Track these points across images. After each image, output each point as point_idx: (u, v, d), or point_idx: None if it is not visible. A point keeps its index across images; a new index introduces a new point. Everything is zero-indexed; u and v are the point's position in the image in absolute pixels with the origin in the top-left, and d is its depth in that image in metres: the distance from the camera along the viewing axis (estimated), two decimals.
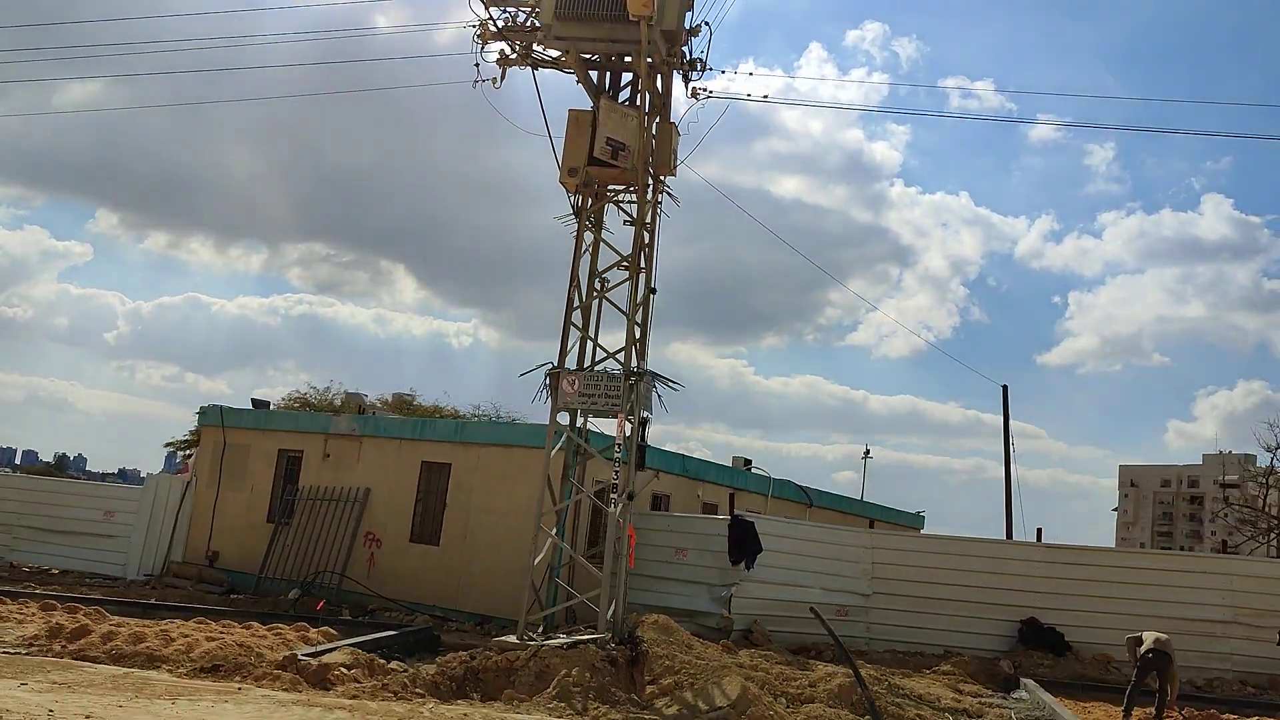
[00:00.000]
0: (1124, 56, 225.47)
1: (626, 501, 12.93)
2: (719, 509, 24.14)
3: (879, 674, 15.67)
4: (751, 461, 26.36)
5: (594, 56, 13.54)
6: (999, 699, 16.22)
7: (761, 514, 21.93)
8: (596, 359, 13.83)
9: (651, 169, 13.27)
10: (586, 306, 13.68)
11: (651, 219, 13.26)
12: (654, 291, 13.59)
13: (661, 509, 22.81)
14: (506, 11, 13.83)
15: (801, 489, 27.06)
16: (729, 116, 12.92)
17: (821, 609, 20.29)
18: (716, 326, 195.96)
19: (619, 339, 13.98)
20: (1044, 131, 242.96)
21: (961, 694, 16.18)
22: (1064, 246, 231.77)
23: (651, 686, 12.59)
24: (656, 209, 13.38)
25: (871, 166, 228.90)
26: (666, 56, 13.10)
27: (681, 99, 14.10)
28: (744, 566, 19.02)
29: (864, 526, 26.37)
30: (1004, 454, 31.71)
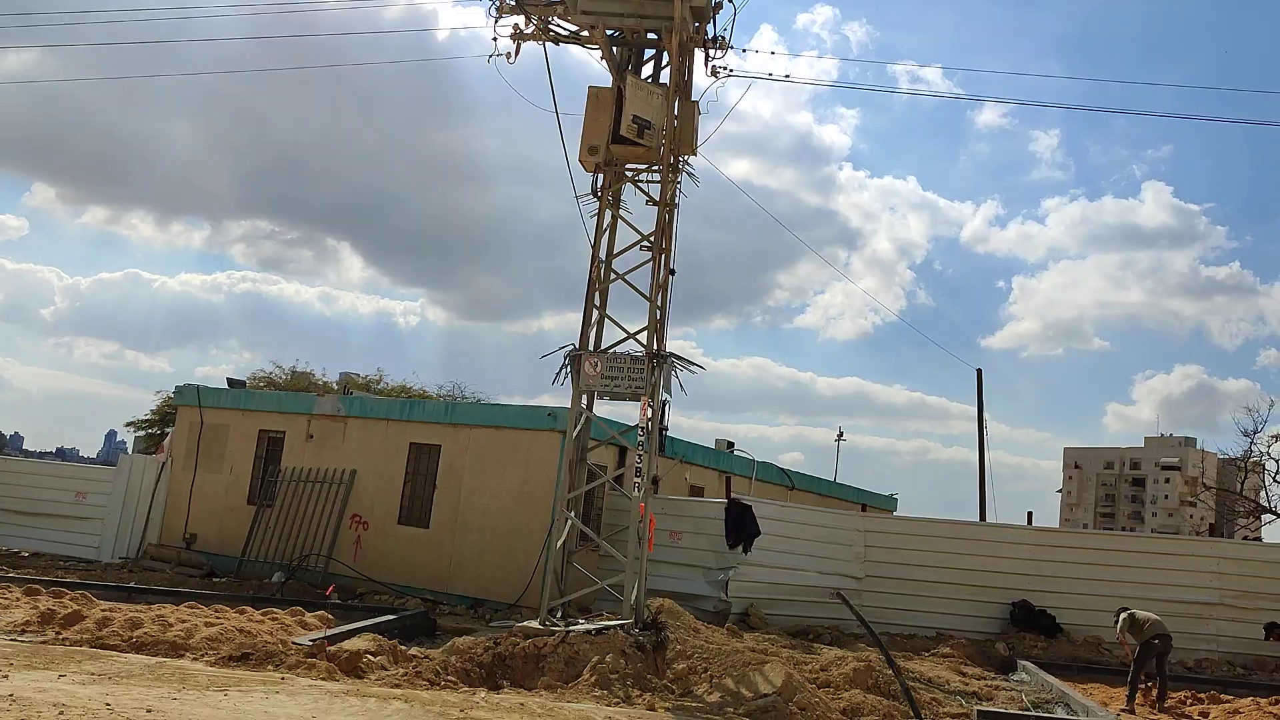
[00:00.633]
0: (1071, 44, 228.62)
1: (650, 486, 12.75)
2: (705, 491, 24.11)
3: (876, 657, 15.70)
4: (734, 444, 26.31)
5: (618, 32, 13.28)
6: (1002, 681, 16.35)
7: (745, 496, 21.88)
8: (607, 342, 13.62)
9: (674, 149, 13.06)
10: (604, 288, 13.45)
11: (672, 199, 13.06)
12: (673, 273, 13.41)
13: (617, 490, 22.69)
14: None
15: (783, 471, 27.10)
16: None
17: (813, 592, 20.37)
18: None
19: (630, 322, 13.83)
20: (990, 118, 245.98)
21: (966, 676, 16.28)
22: (1008, 232, 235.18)
23: (667, 671, 12.49)
24: (678, 189, 13.19)
25: (821, 150, 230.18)
26: (693, 34, 12.89)
27: (700, 77, 13.87)
28: (742, 550, 18.97)
29: (842, 508, 26.46)
30: (978, 437, 32.03)
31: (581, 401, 13.30)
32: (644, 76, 13.35)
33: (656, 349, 12.72)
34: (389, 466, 21.30)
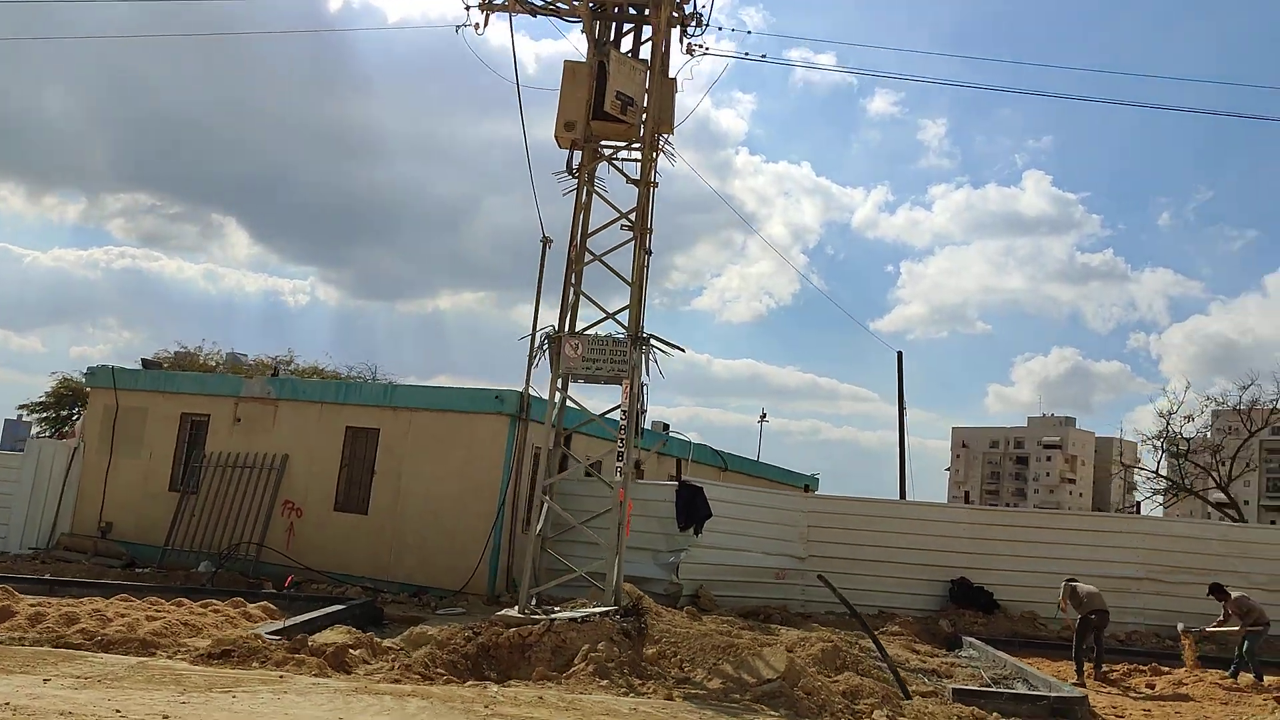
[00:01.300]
0: (961, 35, 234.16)
1: (633, 471, 12.52)
2: (645, 474, 23.95)
3: (850, 637, 15.84)
4: (670, 426, 26.22)
5: (598, 6, 12.92)
6: (953, 657, 16.64)
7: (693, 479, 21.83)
8: (578, 323, 13.30)
9: (654, 126, 12.79)
10: (579, 269, 13.14)
11: (652, 177, 12.81)
12: (649, 254, 13.17)
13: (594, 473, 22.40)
14: None
15: (717, 453, 27.13)
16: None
17: (760, 573, 20.46)
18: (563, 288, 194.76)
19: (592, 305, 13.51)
20: (881, 106, 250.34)
21: (920, 654, 16.55)
22: (897, 218, 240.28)
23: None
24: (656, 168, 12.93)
25: (718, 134, 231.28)
26: (675, 10, 12.63)
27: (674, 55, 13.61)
28: (693, 532, 18.90)
29: (776, 489, 26.64)
30: (898, 418, 32.61)
31: (555, 385, 12.97)
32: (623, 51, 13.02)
33: (640, 330, 12.47)
34: (324, 451, 20.58)
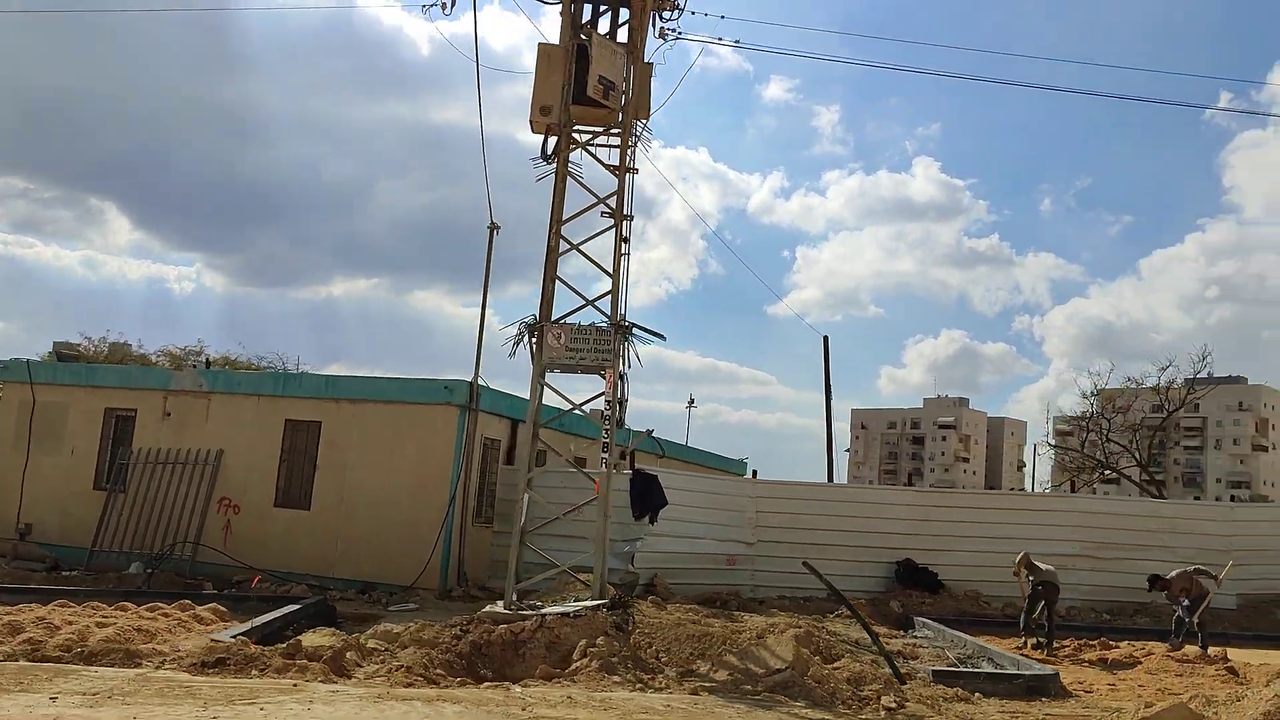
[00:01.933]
0: (853, 21, 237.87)
1: (620, 461, 12.36)
2: (587, 463, 23.76)
3: (814, 622, 15.99)
4: (564, 413, 25.98)
5: None
6: (911, 638, 16.91)
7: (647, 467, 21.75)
8: (556, 310, 13.07)
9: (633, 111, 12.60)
10: (554, 259, 12.89)
11: (631, 163, 12.64)
12: (626, 240, 13.01)
13: (539, 464, 22.14)
14: None
15: (655, 440, 27.05)
16: (477, 56, 12.26)
17: (711, 559, 20.51)
18: (461, 274, 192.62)
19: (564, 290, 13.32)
20: (776, 93, 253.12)
21: (879, 636, 16.76)
22: (792, 203, 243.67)
23: None
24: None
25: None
26: None
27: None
28: (648, 521, 18.78)
29: (709, 474, 26.73)
30: (825, 401, 33.04)
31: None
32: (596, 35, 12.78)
33: (622, 318, 12.31)
34: (261, 445, 19.88)
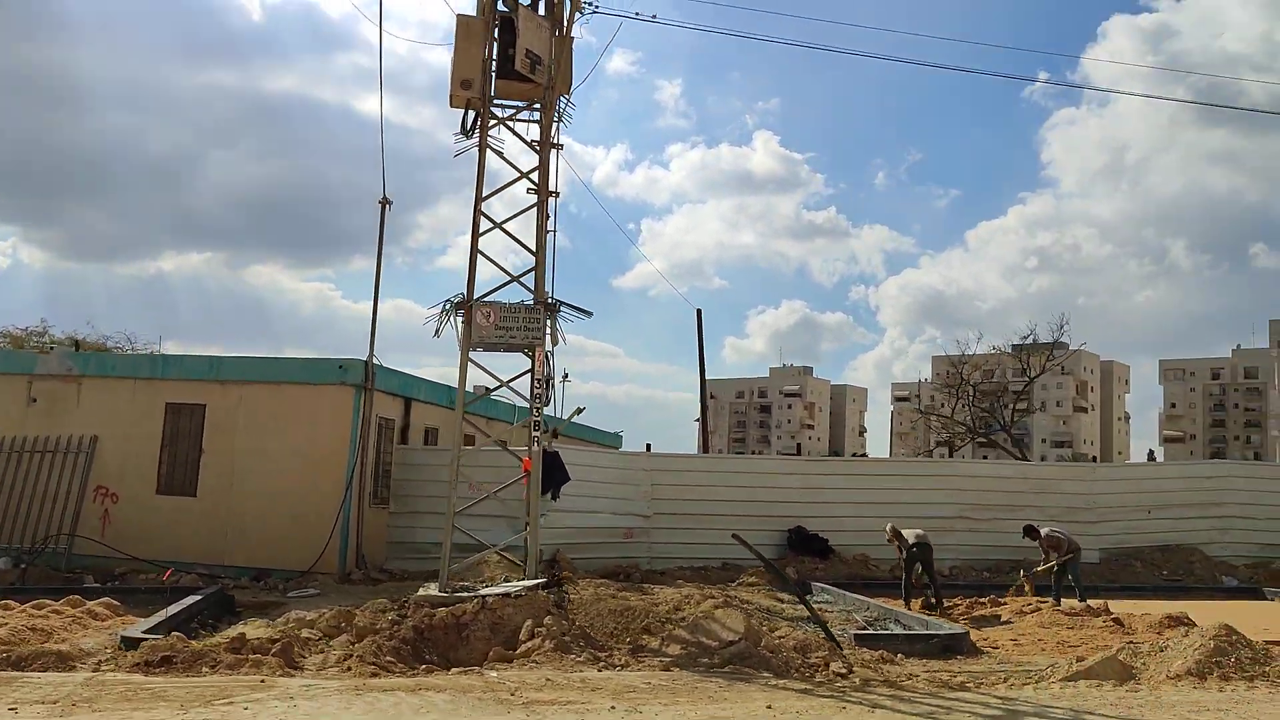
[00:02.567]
0: None
1: (552, 439, 12.31)
2: (476, 440, 23.47)
3: (718, 591, 16.28)
4: (490, 389, 25.72)
5: None
6: (817, 603, 17.43)
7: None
8: (480, 287, 12.87)
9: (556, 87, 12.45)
10: (478, 235, 12.68)
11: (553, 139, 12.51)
12: (548, 218, 12.90)
13: (430, 443, 21.83)
14: None
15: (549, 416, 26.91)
16: (310, 24, 12.18)
17: (610, 533, 20.67)
18: (300, 249, 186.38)
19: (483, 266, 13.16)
20: (620, 65, 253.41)
21: (784, 602, 17.23)
22: (636, 176, 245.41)
23: None
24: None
25: None
26: None
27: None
28: (551, 497, 18.75)
29: (609, 450, 26.86)
30: (699, 374, 33.51)
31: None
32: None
33: (549, 296, 12.21)
34: (140, 430, 18.90)
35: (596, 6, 13.34)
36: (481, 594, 11.28)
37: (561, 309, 12.32)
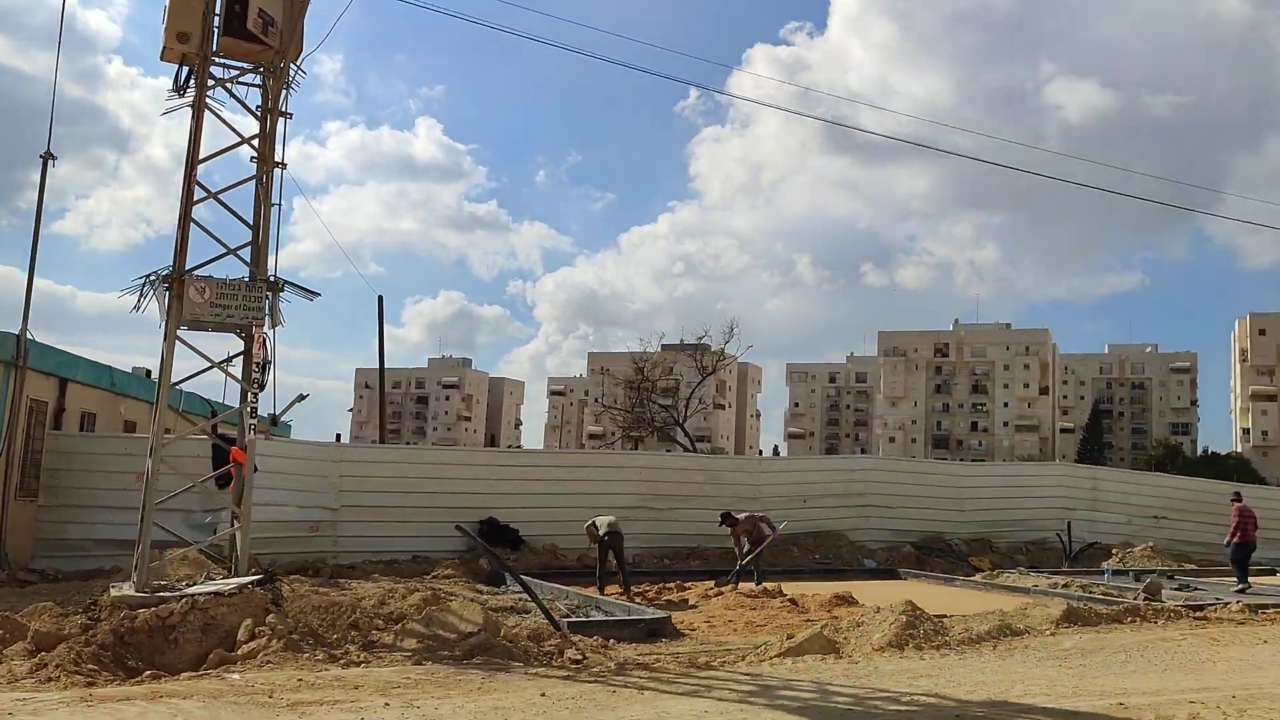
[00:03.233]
0: None
1: (271, 427, 11.56)
2: (138, 427, 21.54)
3: (421, 585, 16.00)
4: (151, 372, 23.73)
5: None
6: (510, 593, 17.55)
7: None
8: (197, 260, 11.81)
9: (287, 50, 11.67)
10: (191, 203, 11.65)
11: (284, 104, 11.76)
12: (271, 189, 12.11)
13: (88, 429, 19.72)
14: None
15: (206, 401, 25.07)
16: None
17: (295, 527, 19.66)
18: None
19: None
20: None
21: (485, 593, 17.20)
22: (290, 151, 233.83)
23: None
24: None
25: (86, 36, 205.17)
26: None
27: None
28: (219, 486, 17.55)
29: (293, 440, 25.40)
30: (378, 361, 32.63)
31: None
32: None
33: (272, 272, 11.46)
34: None
35: None
36: (189, 593, 10.40)
37: (285, 288, 11.59)
